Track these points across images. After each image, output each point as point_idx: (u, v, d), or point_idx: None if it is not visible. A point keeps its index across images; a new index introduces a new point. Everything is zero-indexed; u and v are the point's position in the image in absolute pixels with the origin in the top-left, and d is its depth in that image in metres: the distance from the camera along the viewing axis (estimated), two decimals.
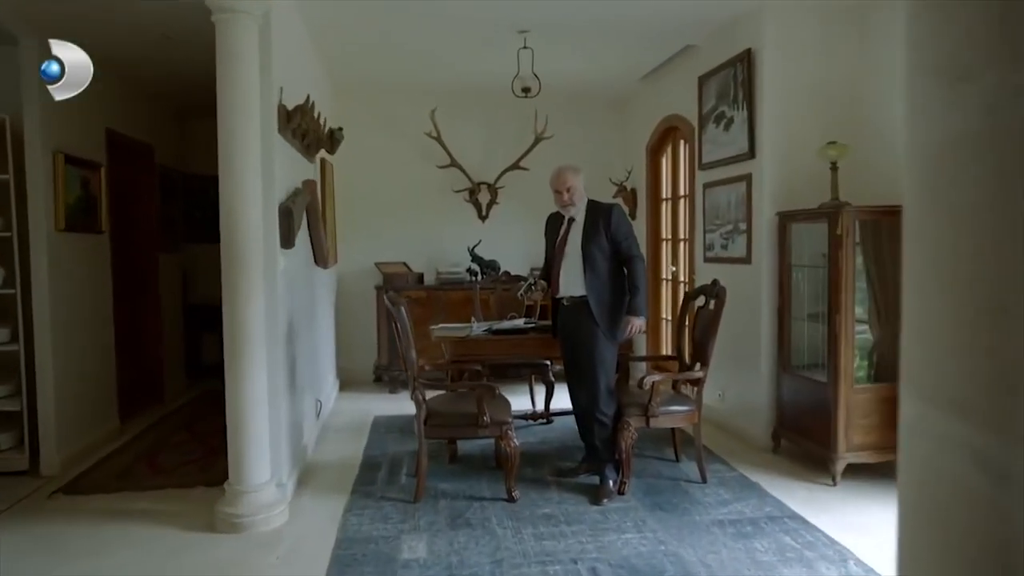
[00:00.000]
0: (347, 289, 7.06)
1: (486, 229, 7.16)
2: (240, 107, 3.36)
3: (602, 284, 3.87)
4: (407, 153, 7.05)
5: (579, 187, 3.93)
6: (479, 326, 4.66)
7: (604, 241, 3.85)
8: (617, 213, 3.90)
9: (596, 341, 3.87)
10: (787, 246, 4.41)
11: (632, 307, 3.83)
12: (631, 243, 3.88)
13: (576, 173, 3.95)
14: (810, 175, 4.53)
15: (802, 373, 4.33)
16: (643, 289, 3.85)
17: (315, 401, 5.09)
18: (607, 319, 3.86)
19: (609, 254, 3.87)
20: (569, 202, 3.94)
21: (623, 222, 3.90)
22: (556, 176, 3.99)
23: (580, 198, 3.94)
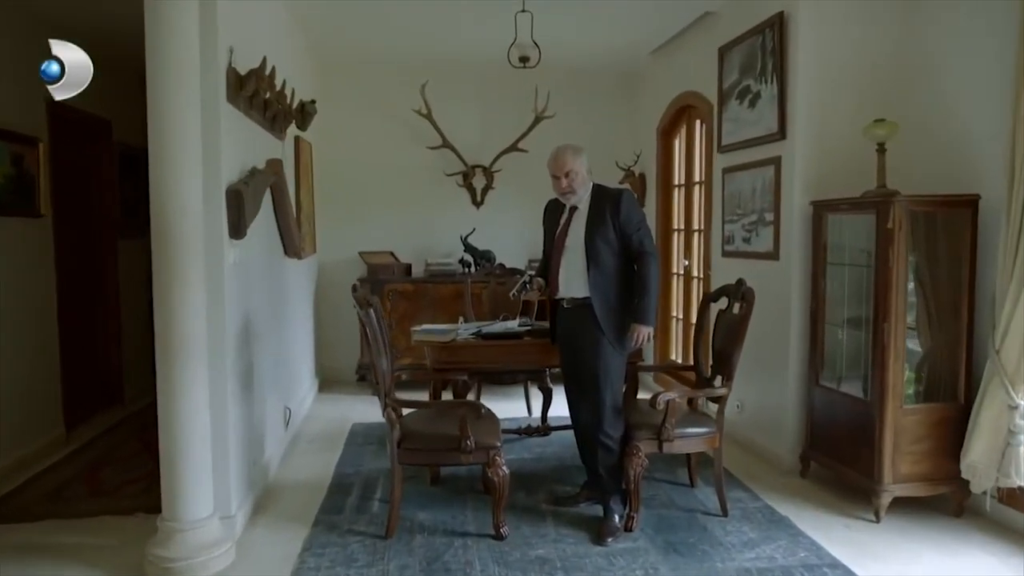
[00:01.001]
0: (328, 281, 6.47)
1: (481, 216, 6.56)
2: (172, 67, 2.77)
3: (608, 284, 3.30)
4: (395, 133, 6.45)
5: (581, 171, 3.35)
6: (466, 328, 4.08)
7: (611, 233, 3.28)
8: (627, 200, 3.32)
9: (600, 351, 3.29)
10: (823, 240, 3.82)
11: (639, 312, 3.26)
12: (643, 236, 3.30)
13: (577, 154, 3.36)
14: (849, 159, 3.93)
15: (838, 388, 3.75)
16: (654, 291, 3.27)
17: (283, 409, 4.52)
18: (614, 326, 3.28)
19: (617, 249, 3.30)
20: (569, 189, 3.37)
21: (634, 211, 3.32)
22: (554, 158, 3.41)
23: (582, 184, 3.37)
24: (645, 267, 3.27)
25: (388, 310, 5.98)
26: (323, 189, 6.26)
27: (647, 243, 3.30)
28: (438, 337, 3.77)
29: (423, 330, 3.95)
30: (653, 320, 3.29)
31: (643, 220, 3.36)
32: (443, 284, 6.06)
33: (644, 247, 3.28)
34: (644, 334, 3.27)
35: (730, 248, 4.72)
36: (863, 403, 3.50)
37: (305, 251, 5.41)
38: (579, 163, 3.35)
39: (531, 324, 4.13)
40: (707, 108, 5.06)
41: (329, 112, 6.28)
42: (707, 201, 5.13)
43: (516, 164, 6.45)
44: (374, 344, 3.16)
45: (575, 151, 3.38)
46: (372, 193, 6.49)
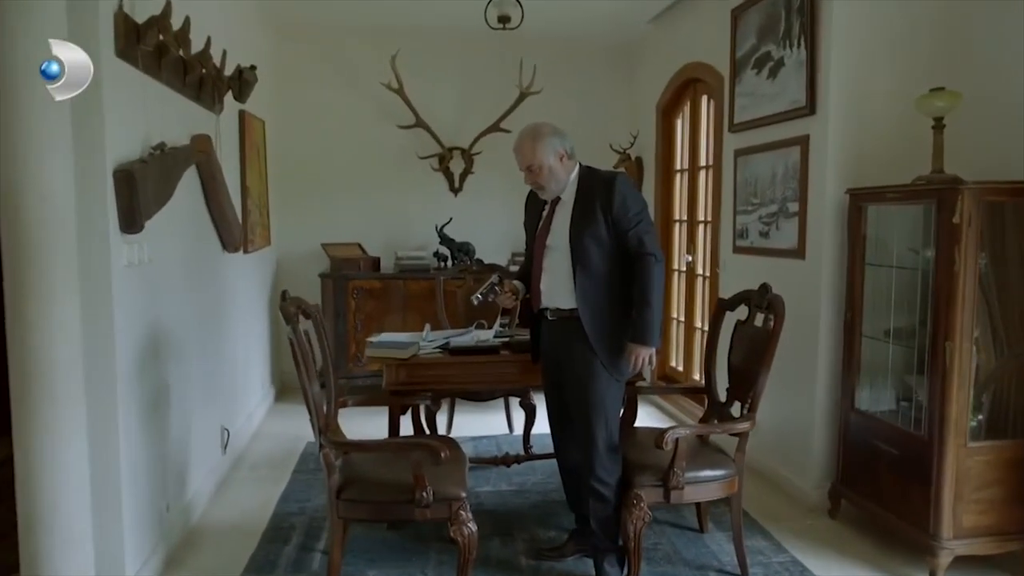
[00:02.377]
0: (287, 276, 5.77)
1: (459, 205, 5.87)
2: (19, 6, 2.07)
3: (600, 293, 2.64)
4: (362, 110, 5.73)
5: (548, 162, 2.67)
6: (432, 338, 3.41)
7: (603, 230, 2.62)
8: (622, 187, 2.64)
9: (592, 376, 2.64)
10: (861, 236, 3.16)
11: (637, 329, 2.61)
12: (642, 232, 2.62)
13: (539, 140, 2.67)
14: (893, 139, 3.28)
15: (879, 415, 3.11)
16: (656, 303, 2.60)
17: (220, 431, 3.84)
18: (608, 345, 2.63)
19: (611, 249, 2.64)
20: (536, 185, 2.74)
21: (631, 200, 2.64)
22: (515, 148, 2.76)
23: (555, 176, 2.70)
24: (645, 272, 2.60)
25: (353, 309, 5.31)
26: (280, 173, 5.55)
27: (648, 241, 2.62)
28: (395, 352, 3.09)
29: (379, 342, 3.27)
30: (656, 339, 2.62)
31: (643, 212, 2.67)
32: (415, 280, 5.38)
33: (643, 246, 2.61)
34: (644, 357, 2.62)
35: (743, 243, 4.06)
36: (915, 438, 2.86)
37: (255, 244, 4.71)
38: (543, 153, 2.66)
39: (510, 335, 3.45)
40: (716, 81, 4.38)
41: (286, 86, 5.59)
42: (715, 188, 4.45)
43: (499, 146, 5.72)
44: (303, 370, 2.47)
45: (535, 137, 2.68)
46: (336, 178, 5.78)
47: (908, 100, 3.15)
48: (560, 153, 2.68)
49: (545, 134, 2.68)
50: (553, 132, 2.71)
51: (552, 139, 2.67)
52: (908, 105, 3.14)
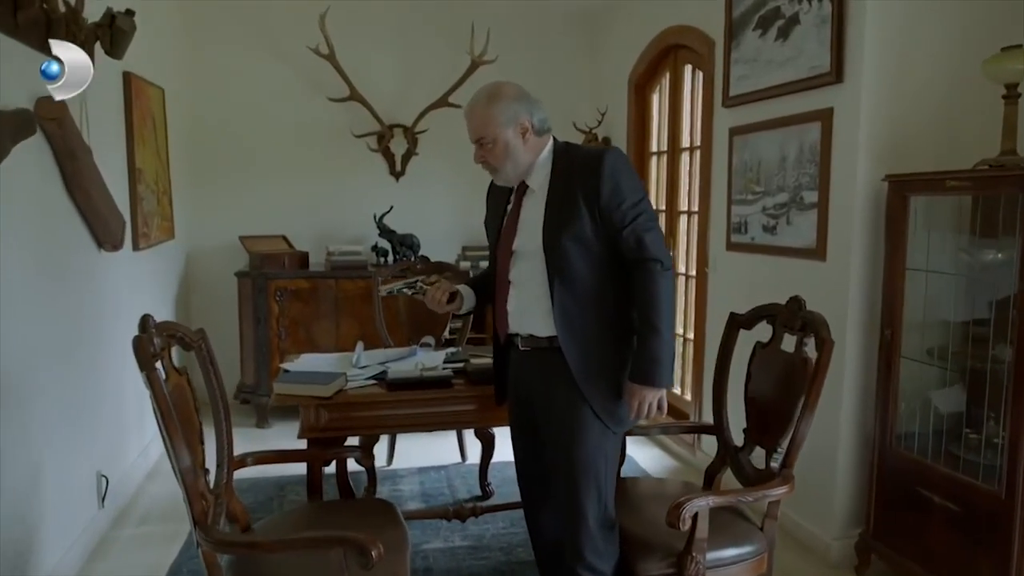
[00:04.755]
0: (198, 275, 4.92)
1: (401, 191, 5.09)
2: None
3: (588, 314, 1.96)
4: (286, 79, 4.89)
5: (506, 135, 1.97)
6: (365, 362, 2.66)
7: (588, 228, 1.92)
8: (613, 167, 1.93)
9: (581, 429, 1.96)
10: (903, 235, 2.54)
11: (640, 365, 1.92)
12: (642, 228, 1.92)
13: (498, 103, 1.97)
14: (940, 113, 2.67)
15: (929, 459, 2.50)
16: (665, 327, 1.91)
17: (96, 479, 3.02)
18: (601, 387, 1.95)
19: (600, 253, 1.94)
20: (486, 164, 2.05)
21: (626, 185, 1.93)
22: (465, 112, 2.05)
23: (514, 156, 1.99)
24: (649, 285, 1.91)
25: (276, 314, 4.49)
26: (185, 152, 4.68)
27: (650, 242, 1.92)
28: (314, 388, 2.32)
29: (294, 373, 2.50)
30: (666, 376, 1.93)
31: (642, 201, 1.96)
32: (350, 280, 4.59)
33: (645, 249, 1.91)
34: (651, 401, 1.93)
35: (741, 239, 3.42)
36: (984, 493, 2.25)
37: (149, 238, 3.85)
38: (499, 122, 1.96)
39: (463, 359, 2.72)
40: (705, 47, 3.71)
41: (193, 47, 4.71)
42: (704, 174, 3.79)
43: (447, 123, 4.96)
44: (167, 433, 1.68)
45: (491, 98, 1.98)
46: (256, 159, 4.93)
47: (964, 62, 2.55)
48: (523, 125, 1.97)
49: (505, 96, 1.98)
50: (518, 96, 2.00)
51: (514, 104, 1.97)
52: (963, 69, 2.53)
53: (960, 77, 2.59)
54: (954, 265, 2.51)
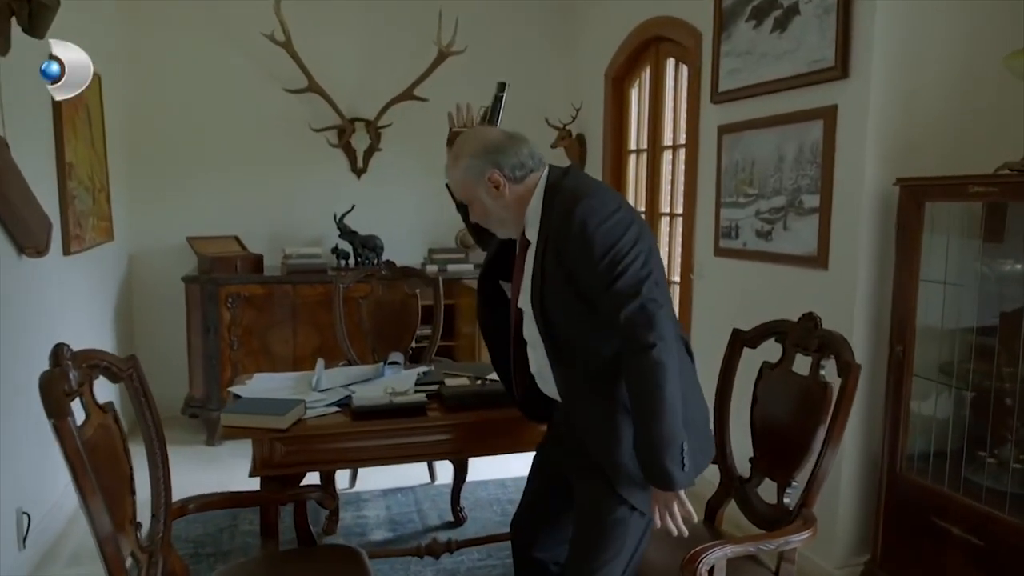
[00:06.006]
0: (142, 280, 4.54)
1: (363, 189, 4.78)
2: None
3: (598, 391, 1.66)
4: (239, 67, 4.53)
5: (479, 195, 1.71)
6: (326, 384, 2.37)
7: (575, 295, 1.62)
8: (582, 221, 1.56)
9: (611, 510, 1.68)
10: (916, 243, 2.34)
11: (648, 468, 1.58)
12: (622, 296, 1.53)
13: (458, 165, 1.71)
14: (950, 113, 2.48)
15: (939, 485, 2.31)
16: (669, 416, 1.51)
17: (17, 517, 2.66)
18: (626, 470, 1.65)
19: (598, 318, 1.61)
20: (486, 223, 1.78)
21: (600, 239, 1.55)
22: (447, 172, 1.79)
23: (497, 213, 1.72)
24: (639, 376, 1.53)
25: (227, 322, 4.14)
26: (126, 145, 4.31)
27: (632, 316, 1.51)
28: (268, 418, 2.02)
29: (245, 401, 2.19)
30: (682, 474, 1.54)
31: (625, 255, 1.54)
32: (308, 285, 4.26)
33: (623, 326, 1.52)
34: (672, 505, 1.59)
35: (731, 244, 3.21)
36: (1012, 528, 2.07)
37: (83, 240, 3.48)
38: (467, 184, 1.71)
39: (436, 380, 2.45)
40: (691, 40, 3.49)
41: (134, 31, 4.32)
42: (690, 174, 3.58)
43: (412, 117, 4.68)
44: (83, 495, 1.37)
45: (455, 159, 1.72)
46: (206, 153, 4.56)
47: (979, 57, 2.37)
48: (492, 180, 1.68)
49: (465, 154, 1.70)
50: (481, 150, 1.69)
51: (475, 161, 1.68)
52: (978, 64, 2.35)
53: (975, 73, 2.41)
54: (968, 276, 2.33)
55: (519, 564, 2.00)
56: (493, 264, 1.91)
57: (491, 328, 1.93)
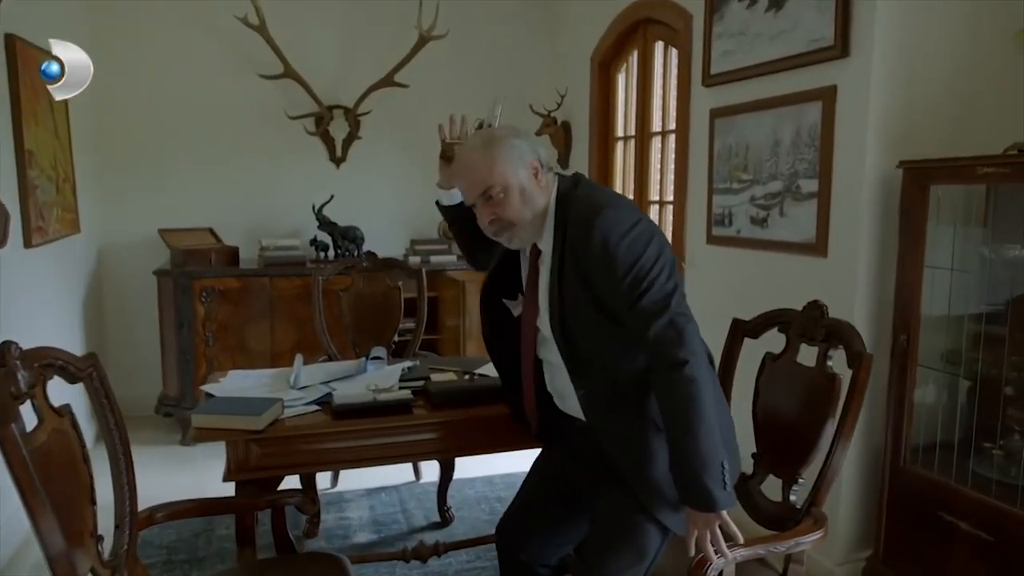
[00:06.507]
0: (111, 274, 4.36)
1: (342, 178, 4.63)
2: None
3: (628, 410, 1.59)
4: (211, 52, 4.36)
5: (519, 179, 1.57)
6: (305, 381, 2.24)
7: (595, 309, 1.55)
8: (605, 233, 1.48)
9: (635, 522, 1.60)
10: (921, 228, 2.26)
11: (686, 487, 1.49)
12: (650, 313, 1.46)
13: (499, 146, 1.58)
14: (954, 94, 2.40)
15: (946, 478, 2.23)
16: (704, 433, 1.45)
17: None
18: (663, 491, 1.56)
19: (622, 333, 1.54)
20: (499, 224, 1.60)
21: (623, 254, 1.48)
22: (459, 169, 1.66)
23: (533, 202, 1.59)
24: (672, 393, 1.47)
25: (202, 317, 3.98)
26: (93, 133, 4.12)
27: (660, 332, 1.45)
28: (243, 419, 1.89)
29: (219, 400, 2.05)
30: (724, 495, 1.47)
31: (650, 271, 1.48)
32: (286, 278, 4.11)
33: (652, 343, 1.46)
34: (715, 528, 1.48)
35: (724, 232, 3.11)
36: (1022, 522, 1.99)
37: (46, 232, 3.31)
38: (508, 166, 1.56)
39: (422, 376, 2.33)
40: (680, 21, 3.38)
41: (101, 13, 4.13)
42: (680, 160, 3.48)
43: (393, 104, 4.54)
44: (30, 511, 1.24)
45: (489, 142, 1.59)
46: (178, 142, 4.38)
47: (985, 35, 2.29)
48: (533, 164, 1.59)
49: (505, 135, 1.60)
50: (517, 132, 1.63)
51: (516, 141, 1.59)
52: (983, 42, 2.26)
53: (980, 51, 2.33)
54: (972, 262, 2.26)
55: (506, 567, 1.89)
56: (495, 280, 1.79)
57: (497, 347, 1.83)
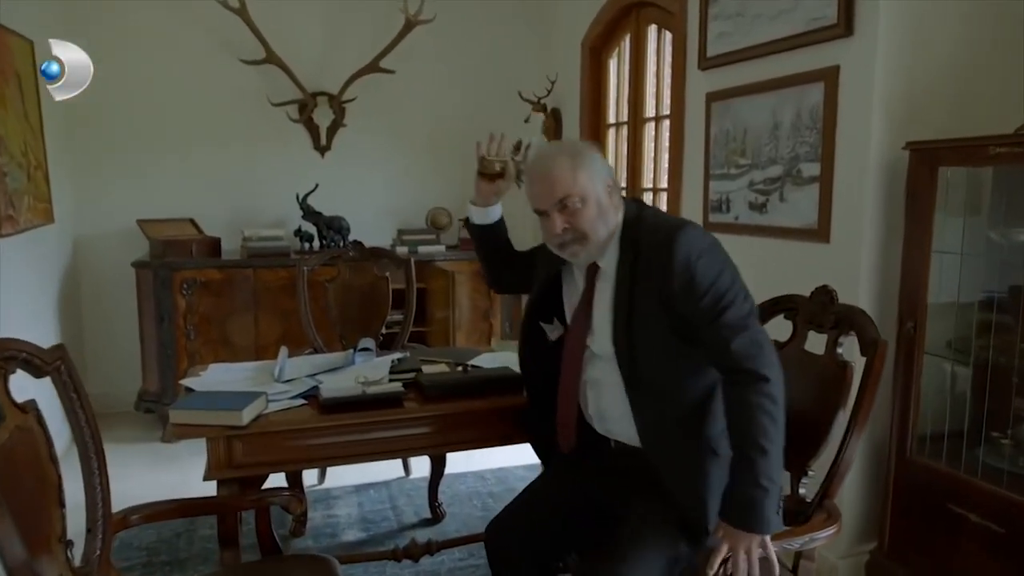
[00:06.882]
0: (88, 266, 4.23)
1: (327, 167, 4.51)
2: None
3: (675, 431, 1.56)
4: (191, 36, 4.22)
5: (598, 193, 1.58)
6: (290, 374, 2.14)
7: (666, 328, 1.53)
8: (687, 251, 1.50)
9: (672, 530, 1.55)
10: (929, 212, 2.19)
11: (737, 500, 1.44)
12: (731, 328, 1.47)
13: (584, 159, 1.59)
14: (961, 74, 2.33)
15: (955, 469, 2.17)
16: (773, 466, 1.43)
17: None
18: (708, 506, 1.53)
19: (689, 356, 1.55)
20: (570, 234, 1.59)
21: (704, 271, 1.50)
22: (537, 174, 1.63)
23: (606, 218, 1.59)
24: (749, 409, 1.44)
25: (183, 310, 3.86)
26: (67, 119, 3.98)
27: (741, 348, 1.46)
28: (224, 414, 1.78)
29: (199, 395, 1.95)
30: (776, 516, 1.44)
31: (729, 291, 1.51)
32: (270, 269, 4.00)
33: (733, 357, 1.46)
34: (753, 551, 1.41)
35: (722, 218, 3.03)
36: None
37: (17, 223, 3.18)
38: (591, 179, 1.57)
39: (413, 367, 2.23)
40: (676, 4, 3.29)
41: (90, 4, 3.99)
42: (675, 146, 3.39)
43: (379, 91, 4.43)
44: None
45: (575, 154, 1.60)
46: (157, 130, 4.24)
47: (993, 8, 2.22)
48: (609, 182, 1.61)
49: (591, 148, 1.64)
50: (596, 148, 1.68)
51: (599, 158, 1.63)
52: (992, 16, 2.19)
53: (988, 29, 2.25)
54: (979, 246, 2.19)
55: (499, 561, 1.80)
56: (538, 304, 1.78)
57: (534, 370, 1.81)
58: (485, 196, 1.88)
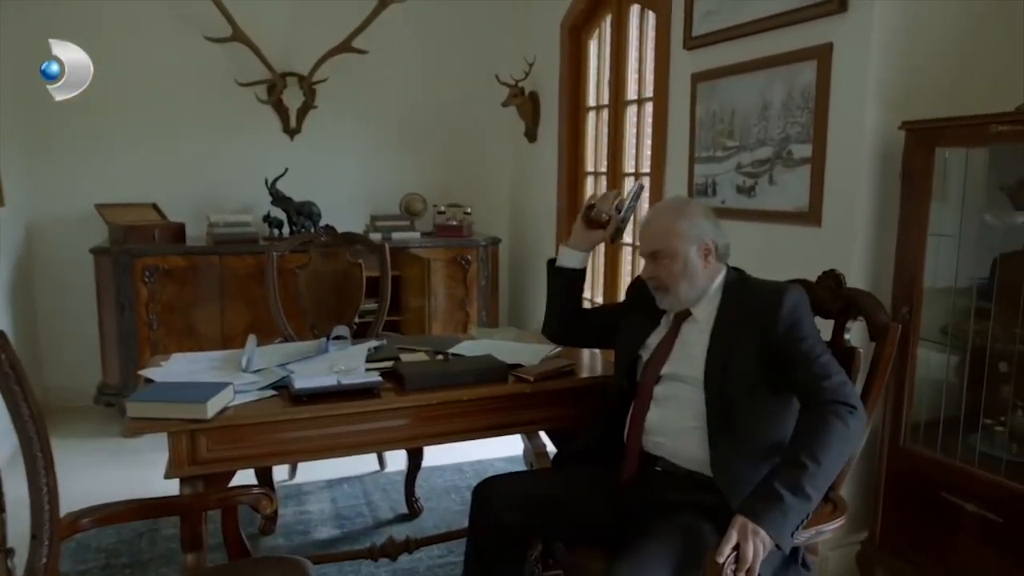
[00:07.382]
0: (42, 252, 4.02)
1: (297, 150, 4.34)
2: None
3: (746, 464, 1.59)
4: (152, 11, 4.02)
5: (689, 253, 1.72)
6: (259, 364, 2.00)
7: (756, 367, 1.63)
8: (795, 303, 1.64)
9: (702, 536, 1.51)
10: (925, 194, 2.12)
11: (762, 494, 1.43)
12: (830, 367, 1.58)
13: (686, 219, 1.74)
14: (957, 52, 2.27)
15: (950, 458, 2.12)
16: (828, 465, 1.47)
17: None
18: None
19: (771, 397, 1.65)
20: (657, 282, 1.76)
21: (807, 321, 1.65)
22: (645, 223, 1.82)
23: (692, 277, 1.73)
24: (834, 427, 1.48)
25: (145, 299, 3.69)
26: (16, 98, 3.75)
27: (841, 384, 1.56)
28: (187, 407, 1.65)
29: (160, 386, 1.81)
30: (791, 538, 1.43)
31: (825, 348, 1.64)
32: (237, 256, 3.84)
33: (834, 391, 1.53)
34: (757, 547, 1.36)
35: (708, 202, 2.93)
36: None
37: None
38: (684, 238, 1.72)
39: (391, 355, 2.11)
40: None
41: None
42: (659, 129, 3.30)
43: (351, 72, 4.27)
44: None
45: (680, 212, 1.77)
46: (116, 110, 4.03)
47: None
48: (706, 246, 1.74)
49: (695, 211, 1.78)
50: (707, 214, 1.80)
51: (702, 221, 1.76)
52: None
53: (985, 5, 2.19)
54: (974, 229, 2.13)
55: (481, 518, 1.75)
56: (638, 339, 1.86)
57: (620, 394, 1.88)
58: (584, 241, 1.96)
